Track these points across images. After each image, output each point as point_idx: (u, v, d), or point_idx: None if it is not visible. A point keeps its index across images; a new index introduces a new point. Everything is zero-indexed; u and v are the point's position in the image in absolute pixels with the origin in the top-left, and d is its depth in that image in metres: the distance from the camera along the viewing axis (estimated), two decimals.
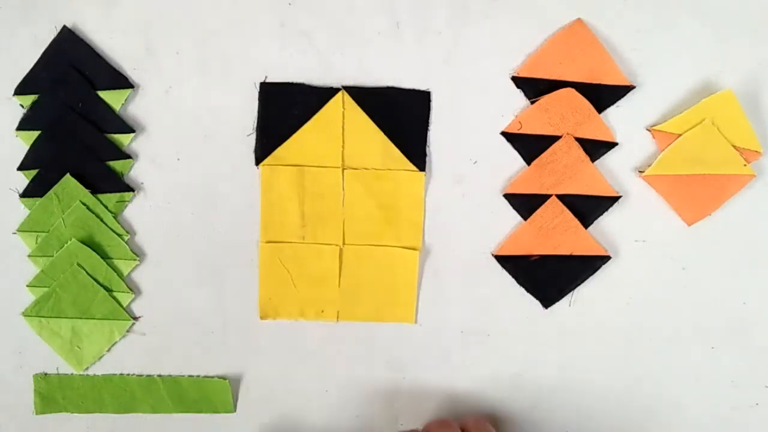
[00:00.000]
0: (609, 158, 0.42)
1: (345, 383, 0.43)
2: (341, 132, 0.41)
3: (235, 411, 0.43)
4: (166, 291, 0.42)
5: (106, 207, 0.41)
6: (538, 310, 0.42)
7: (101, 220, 0.40)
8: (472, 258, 0.42)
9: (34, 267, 0.41)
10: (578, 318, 0.42)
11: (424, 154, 0.41)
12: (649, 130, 0.42)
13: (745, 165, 0.41)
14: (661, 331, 0.43)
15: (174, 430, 0.43)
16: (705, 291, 0.43)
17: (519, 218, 0.42)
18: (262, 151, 0.40)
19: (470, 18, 0.41)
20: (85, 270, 0.40)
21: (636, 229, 0.42)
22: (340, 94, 0.40)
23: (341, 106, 0.40)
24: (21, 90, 0.40)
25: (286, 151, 0.41)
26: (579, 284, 0.42)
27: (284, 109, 0.40)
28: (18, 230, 0.41)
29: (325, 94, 0.40)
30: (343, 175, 0.41)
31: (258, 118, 0.40)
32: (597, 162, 0.41)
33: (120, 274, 0.41)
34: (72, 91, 0.40)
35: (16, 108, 0.40)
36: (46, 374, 0.41)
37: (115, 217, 0.41)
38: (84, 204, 0.40)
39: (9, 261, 0.41)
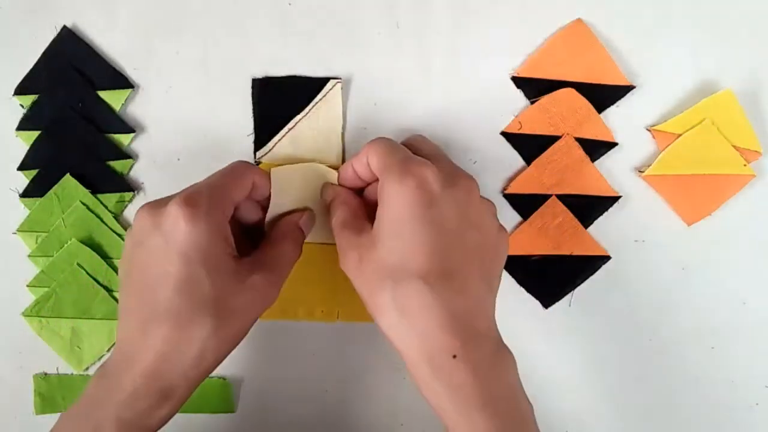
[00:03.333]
0: (609, 158, 0.42)
1: (345, 383, 0.43)
2: (341, 127, 0.41)
3: (235, 411, 0.42)
4: None
5: (106, 207, 0.41)
6: (538, 310, 0.42)
7: (101, 220, 0.40)
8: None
9: (34, 267, 0.41)
10: (578, 318, 0.42)
11: None
12: (649, 130, 0.42)
13: (745, 165, 0.41)
14: (661, 331, 0.43)
15: (174, 430, 0.43)
16: (705, 291, 0.43)
17: (519, 218, 0.42)
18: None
19: (470, 18, 0.41)
20: (85, 270, 0.40)
21: (636, 229, 0.42)
22: (337, 85, 0.40)
23: (339, 98, 0.40)
24: (21, 90, 0.40)
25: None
26: (579, 284, 0.42)
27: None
28: (18, 230, 0.41)
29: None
30: None
31: (254, 114, 0.41)
32: (597, 162, 0.41)
33: None
34: (72, 91, 0.40)
35: (16, 108, 0.40)
36: (46, 374, 0.41)
37: (115, 217, 0.41)
38: (84, 204, 0.40)
39: (9, 261, 0.41)
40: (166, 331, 0.31)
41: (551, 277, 0.42)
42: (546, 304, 0.42)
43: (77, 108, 0.40)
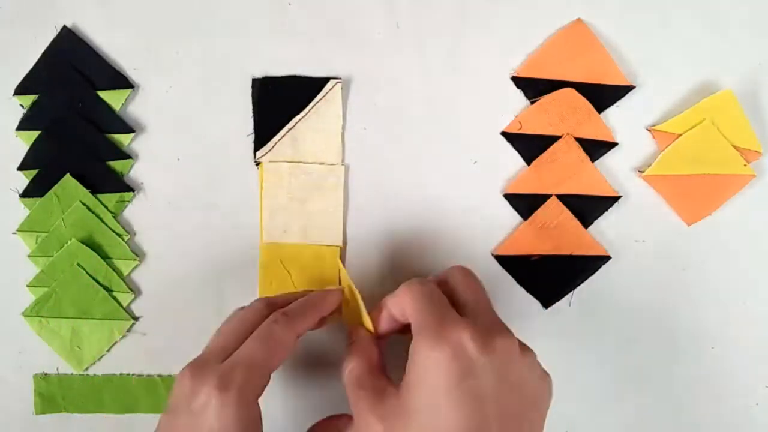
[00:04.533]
0: (609, 158, 0.42)
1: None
2: (341, 127, 0.41)
3: None
4: (166, 291, 0.42)
5: (106, 207, 0.41)
6: (538, 310, 0.42)
7: (101, 220, 0.40)
8: (472, 258, 0.42)
9: (34, 267, 0.41)
10: (578, 318, 0.42)
11: None
12: (649, 130, 0.42)
13: (745, 165, 0.41)
14: (661, 331, 0.43)
15: None
16: (705, 291, 0.43)
17: (519, 218, 0.42)
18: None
19: (470, 18, 0.41)
20: (85, 270, 0.40)
21: (636, 229, 0.42)
22: (337, 85, 0.40)
23: (339, 98, 0.40)
24: (21, 90, 0.40)
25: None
26: (579, 284, 0.42)
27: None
28: (18, 230, 0.41)
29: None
30: (346, 173, 0.41)
31: (254, 114, 0.41)
32: (597, 162, 0.41)
33: (120, 274, 0.41)
34: (72, 91, 0.40)
35: (16, 108, 0.40)
36: (46, 374, 0.41)
37: (115, 217, 0.41)
38: (84, 204, 0.40)
39: (9, 261, 0.41)
40: None
41: (551, 277, 0.42)
42: (546, 304, 0.42)
43: (77, 108, 0.40)
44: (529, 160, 0.41)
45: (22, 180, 0.40)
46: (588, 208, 0.42)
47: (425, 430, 0.29)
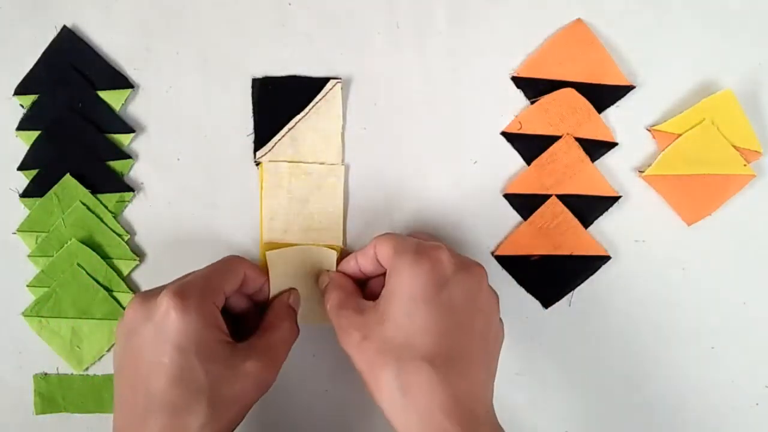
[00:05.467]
0: (609, 158, 0.42)
1: (345, 383, 0.42)
2: (341, 127, 0.41)
3: None
4: None
5: (106, 207, 0.41)
6: (538, 310, 0.42)
7: (101, 220, 0.40)
8: (472, 258, 0.42)
9: (34, 267, 0.41)
10: (578, 318, 0.42)
11: None
12: (649, 130, 0.42)
13: (745, 165, 0.41)
14: (661, 331, 0.43)
15: None
16: (705, 291, 0.43)
17: (519, 218, 0.42)
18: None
19: (470, 18, 0.41)
20: (85, 270, 0.40)
21: (636, 229, 0.42)
22: (337, 85, 0.40)
23: (339, 98, 0.40)
24: (21, 90, 0.40)
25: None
26: (579, 284, 0.42)
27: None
28: (18, 230, 0.41)
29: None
30: (346, 173, 0.41)
31: (254, 114, 0.41)
32: (597, 162, 0.41)
33: (120, 274, 0.41)
34: (72, 91, 0.40)
35: (16, 108, 0.40)
36: (46, 374, 0.41)
37: (115, 217, 0.41)
38: (84, 204, 0.40)
39: (9, 261, 0.41)
40: (163, 422, 0.31)
41: (551, 277, 0.42)
42: (546, 304, 0.42)
43: (77, 108, 0.40)
44: (529, 160, 0.41)
45: (22, 180, 0.40)
46: (588, 208, 0.42)
47: (398, 333, 0.32)
